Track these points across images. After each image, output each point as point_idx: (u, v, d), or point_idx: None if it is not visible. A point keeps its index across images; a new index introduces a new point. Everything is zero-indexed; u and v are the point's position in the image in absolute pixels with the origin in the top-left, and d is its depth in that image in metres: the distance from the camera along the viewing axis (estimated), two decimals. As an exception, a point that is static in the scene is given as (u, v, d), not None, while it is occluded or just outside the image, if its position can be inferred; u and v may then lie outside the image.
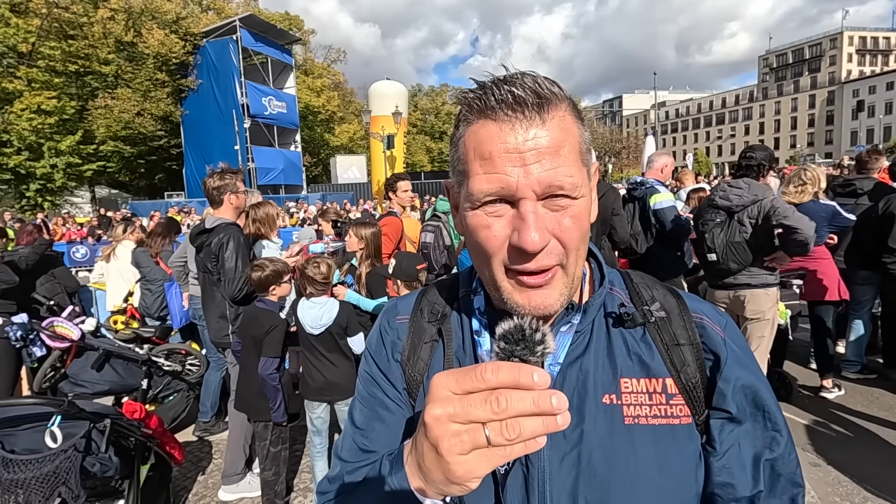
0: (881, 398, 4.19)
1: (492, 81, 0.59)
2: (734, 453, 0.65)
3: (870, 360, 4.76)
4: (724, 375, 0.66)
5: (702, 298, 0.76)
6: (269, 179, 26.44)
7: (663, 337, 0.67)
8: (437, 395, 0.46)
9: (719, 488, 0.65)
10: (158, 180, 32.22)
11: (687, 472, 0.64)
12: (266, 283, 2.90)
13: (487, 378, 0.44)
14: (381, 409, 0.72)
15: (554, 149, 0.57)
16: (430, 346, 0.73)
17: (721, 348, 0.67)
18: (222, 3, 36.37)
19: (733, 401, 0.65)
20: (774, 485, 0.65)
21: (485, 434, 0.43)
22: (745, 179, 3.32)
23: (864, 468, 3.24)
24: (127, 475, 2.43)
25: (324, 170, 39.77)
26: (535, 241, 0.56)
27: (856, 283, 4.36)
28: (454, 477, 0.45)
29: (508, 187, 0.57)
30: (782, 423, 0.67)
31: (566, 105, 0.60)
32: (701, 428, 0.66)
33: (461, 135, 0.63)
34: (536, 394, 0.43)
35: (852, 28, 74.05)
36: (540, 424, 0.43)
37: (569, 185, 0.57)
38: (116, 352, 3.80)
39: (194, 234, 3.27)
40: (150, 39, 26.63)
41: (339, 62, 48.82)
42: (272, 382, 2.74)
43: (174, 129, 29.36)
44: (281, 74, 29.62)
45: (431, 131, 56.84)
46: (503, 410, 0.43)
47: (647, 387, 0.65)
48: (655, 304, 0.69)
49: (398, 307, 0.80)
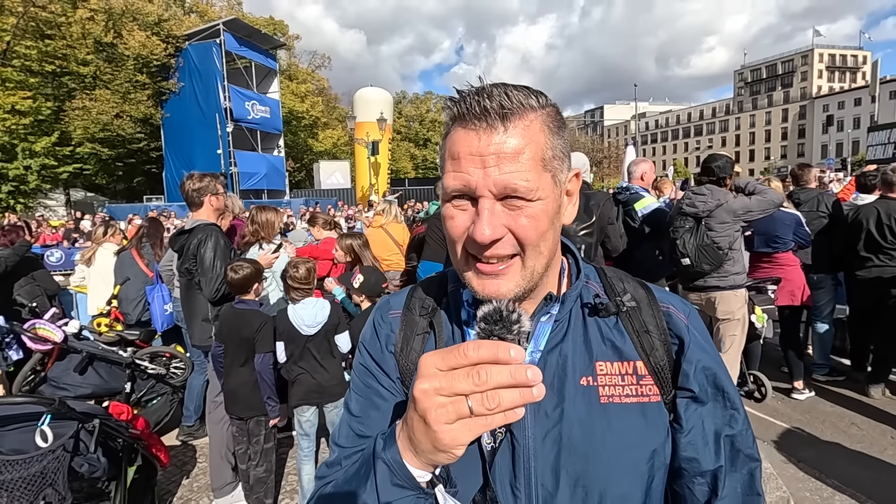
0: (848, 399, 4.38)
1: (467, 92, 0.66)
2: (698, 430, 0.71)
3: (838, 363, 4.97)
4: (687, 358, 0.73)
5: (669, 291, 0.84)
6: (252, 184, 26.15)
7: (634, 324, 0.74)
8: (424, 372, 0.52)
9: (685, 462, 0.71)
10: (137, 183, 31.57)
11: (656, 445, 0.70)
12: (248, 283, 2.92)
13: (469, 355, 0.49)
14: (377, 397, 0.77)
15: (513, 154, 0.63)
16: (422, 337, 0.78)
17: (685, 334, 0.74)
18: (205, 6, 36.03)
19: (695, 381, 0.72)
20: (734, 459, 0.72)
21: (468, 405, 0.49)
22: (708, 186, 3.50)
23: (832, 465, 3.39)
24: (114, 476, 2.42)
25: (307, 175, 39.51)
26: (486, 235, 0.62)
27: (815, 288, 4.57)
28: (441, 445, 0.51)
29: (469, 185, 0.64)
30: (739, 403, 0.75)
31: (535, 115, 0.66)
32: (669, 406, 0.72)
33: (444, 137, 0.71)
34: (513, 367, 0.48)
35: (822, 46, 76.90)
36: (517, 395, 0.48)
37: (524, 188, 0.63)
38: (100, 354, 3.75)
39: (174, 237, 3.26)
40: (131, 41, 26.20)
41: (324, 68, 48.77)
42: (269, 377, 2.78)
43: (154, 131, 28.85)
44: (265, 79, 29.42)
45: (416, 138, 56.95)
46: (483, 383, 0.48)
47: (619, 369, 0.72)
48: (627, 295, 0.76)
49: (391, 303, 0.85)
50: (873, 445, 3.62)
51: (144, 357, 4.07)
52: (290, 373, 3.05)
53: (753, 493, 0.72)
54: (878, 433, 3.79)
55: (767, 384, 4.36)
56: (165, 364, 4.25)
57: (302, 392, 3.02)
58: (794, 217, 4.26)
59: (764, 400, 4.34)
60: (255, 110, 27.17)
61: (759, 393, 4.39)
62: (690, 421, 0.72)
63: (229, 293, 3.02)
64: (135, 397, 3.93)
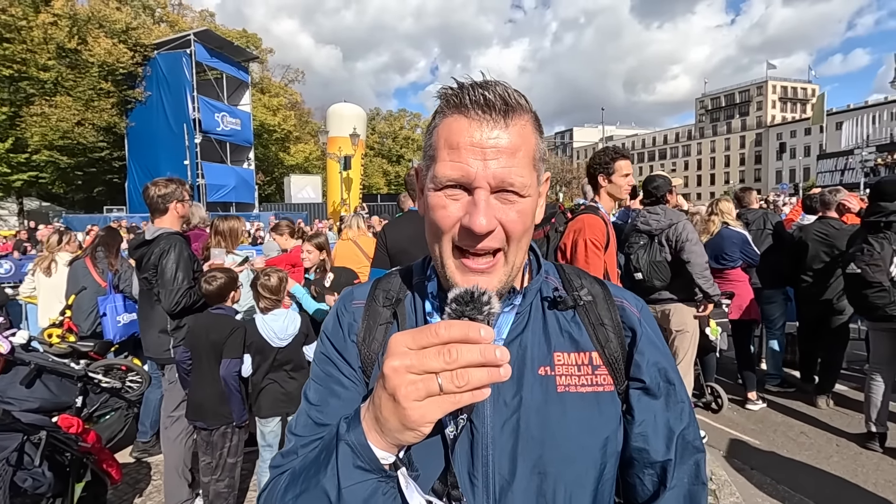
0: (798, 410, 4.58)
1: (469, 83, 0.68)
2: (650, 423, 0.74)
3: (788, 375, 5.20)
4: (639, 349, 0.76)
5: (622, 287, 0.88)
6: (220, 196, 25.61)
7: (590, 317, 0.77)
8: (394, 350, 0.52)
9: (636, 453, 0.75)
10: (97, 193, 30.40)
11: (609, 432, 0.73)
12: (223, 292, 2.89)
13: (441, 333, 0.50)
14: (336, 385, 0.77)
15: (511, 150, 0.65)
16: (385, 327, 0.78)
17: (637, 326, 0.78)
18: (176, 16, 35.54)
19: (647, 373, 0.75)
20: (682, 451, 0.75)
21: (437, 382, 0.50)
22: (661, 206, 3.68)
23: (783, 473, 3.54)
24: (60, 493, 2.30)
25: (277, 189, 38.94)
26: (483, 225, 0.64)
27: (766, 303, 4.82)
28: (409, 422, 0.51)
29: (468, 176, 0.65)
30: (686, 396, 0.80)
31: (529, 116, 0.69)
32: (622, 396, 0.75)
33: (436, 124, 0.71)
34: (483, 346, 0.50)
35: (776, 78, 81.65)
36: (485, 374, 0.50)
37: (519, 183, 0.66)
38: (49, 367, 3.57)
39: (134, 247, 3.15)
40: (96, 48, 25.50)
41: (297, 82, 48.62)
42: (234, 384, 2.73)
43: (118, 140, 27.97)
44: (236, 91, 29.07)
45: (389, 154, 57.11)
46: (454, 361, 0.49)
47: (576, 359, 0.74)
48: (584, 290, 0.79)
49: (354, 293, 0.85)
50: (820, 453, 3.80)
51: (98, 370, 3.90)
52: (256, 384, 3.00)
53: (699, 483, 0.75)
54: (824, 441, 3.98)
55: (724, 395, 4.52)
56: (121, 377, 4.09)
57: (269, 402, 2.98)
58: (741, 236, 4.50)
59: (721, 410, 4.49)
60: (226, 122, 26.76)
61: (715, 404, 4.54)
62: (642, 413, 0.74)
63: (191, 305, 2.96)
64: (86, 412, 3.75)
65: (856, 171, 28.17)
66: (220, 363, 2.81)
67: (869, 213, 3.58)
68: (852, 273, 3.51)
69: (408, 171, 3.34)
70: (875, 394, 3.72)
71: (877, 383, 3.72)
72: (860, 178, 26.00)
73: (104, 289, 4.43)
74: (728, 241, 4.45)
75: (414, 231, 2.86)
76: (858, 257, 3.45)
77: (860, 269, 3.42)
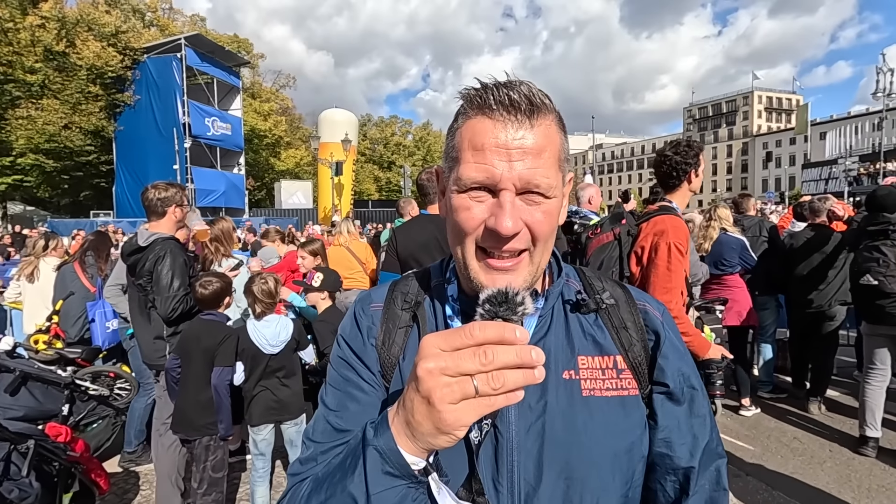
0: (790, 415, 4.61)
1: (493, 83, 0.66)
2: (673, 428, 0.74)
3: (780, 381, 5.24)
4: (662, 353, 0.76)
5: (643, 291, 0.88)
6: (210, 201, 25.37)
7: (613, 321, 0.77)
8: (428, 352, 0.51)
9: (658, 458, 0.74)
10: (84, 198, 29.97)
11: (635, 436, 0.72)
12: (218, 298, 2.84)
13: (476, 335, 0.49)
14: (356, 390, 0.75)
15: (537, 151, 0.64)
16: (405, 331, 0.77)
17: (661, 329, 0.78)
18: (167, 20, 35.37)
19: (671, 378, 0.75)
20: (704, 458, 0.74)
21: (473, 384, 0.48)
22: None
23: (778, 478, 3.55)
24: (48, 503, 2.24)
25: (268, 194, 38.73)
26: (509, 227, 0.63)
27: (760, 309, 4.87)
28: (445, 425, 0.50)
29: (493, 177, 0.64)
30: (708, 402, 0.79)
31: (553, 116, 0.68)
32: (645, 400, 0.75)
33: (458, 126, 0.70)
34: (518, 347, 0.49)
35: (761, 88, 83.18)
36: (521, 376, 0.49)
37: (545, 184, 0.65)
38: (35, 374, 3.48)
39: (127, 252, 3.09)
40: (85, 51, 25.26)
41: (289, 87, 48.51)
42: (225, 393, 2.67)
43: (106, 144, 27.65)
44: (227, 96, 28.93)
45: (380, 161, 57.09)
46: (490, 362, 0.48)
47: (600, 363, 0.73)
48: (606, 293, 0.78)
49: (372, 296, 0.84)
50: (814, 458, 3.82)
51: (86, 377, 3.81)
52: (248, 391, 2.95)
53: (720, 489, 0.75)
54: (817, 446, 4.00)
55: (718, 401, 4.51)
56: (109, 385, 4.00)
57: (261, 410, 2.93)
58: (739, 241, 4.54)
59: (715, 416, 4.49)
60: (216, 127, 26.61)
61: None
62: (666, 418, 0.74)
63: (187, 311, 2.91)
64: (73, 420, 3.66)
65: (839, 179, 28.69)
66: (211, 371, 2.76)
67: (868, 222, 3.61)
68: (866, 284, 3.51)
69: (419, 174, 3.29)
70: (869, 398, 3.76)
71: (872, 388, 3.76)
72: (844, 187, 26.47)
73: (93, 294, 4.34)
74: (727, 247, 4.49)
75: (425, 237, 2.84)
76: (874, 269, 3.45)
77: (878, 281, 3.42)
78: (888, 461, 3.67)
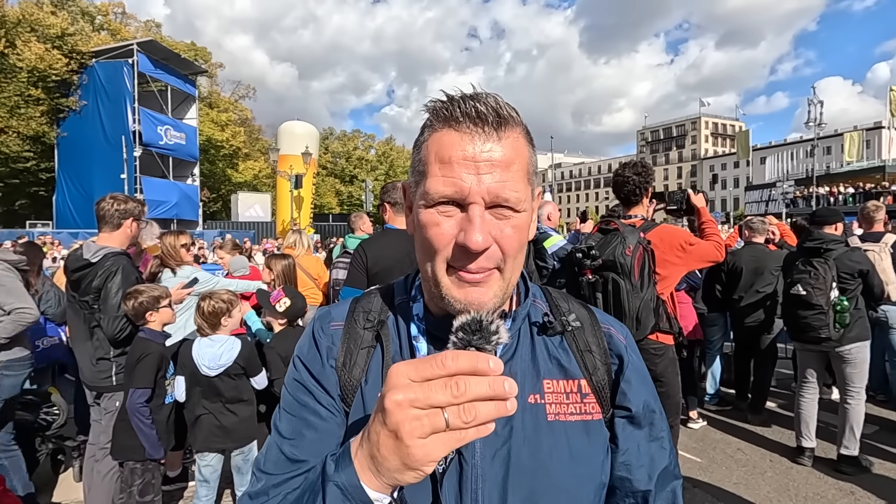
0: (734, 427, 4.79)
1: (460, 96, 0.65)
2: (633, 452, 0.74)
3: (725, 393, 5.46)
4: (626, 377, 0.76)
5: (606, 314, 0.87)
6: (161, 213, 24.27)
7: (578, 344, 0.76)
8: (396, 382, 0.48)
9: (618, 482, 0.74)
10: (20, 207, 28.11)
11: (598, 461, 0.72)
12: (141, 311, 2.68)
13: (448, 365, 0.46)
14: (313, 416, 0.71)
15: (505, 163, 0.63)
16: (367, 351, 0.74)
17: (624, 353, 0.78)
18: (118, 25, 34.08)
19: (634, 402, 0.75)
20: (662, 480, 0.75)
21: (444, 417, 0.46)
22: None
23: (723, 490, 3.65)
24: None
25: (224, 206, 37.55)
26: (479, 242, 0.61)
27: (708, 326, 5.07)
28: (413, 461, 0.47)
29: (461, 191, 0.62)
30: (666, 424, 0.80)
31: (521, 129, 0.67)
32: (608, 425, 0.74)
33: (424, 139, 0.68)
34: (492, 379, 0.46)
35: (708, 115, 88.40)
36: (493, 408, 0.46)
37: (514, 198, 0.63)
38: (-53, 399, 3.17)
39: (73, 268, 2.87)
40: (26, 52, 23.94)
41: (248, 98, 47.57)
42: (141, 416, 2.50)
43: (46, 151, 26.11)
44: (182, 104, 28.01)
45: (342, 174, 56.57)
46: (462, 394, 0.45)
47: (565, 387, 0.72)
48: (572, 315, 0.77)
49: (332, 314, 0.80)
50: (755, 468, 3.97)
51: (7, 401, 3.49)
52: (190, 413, 2.79)
53: None
54: (758, 457, 4.16)
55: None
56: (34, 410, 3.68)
57: (203, 436, 2.76)
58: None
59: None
60: (169, 136, 25.64)
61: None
62: (626, 442, 0.74)
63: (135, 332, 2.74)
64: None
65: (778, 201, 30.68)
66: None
67: (806, 238, 3.83)
68: (795, 294, 3.70)
69: (384, 183, 3.20)
70: (804, 410, 3.95)
71: (805, 400, 3.96)
72: (782, 209, 28.32)
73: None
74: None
75: (403, 249, 2.73)
76: (805, 280, 3.64)
77: (806, 292, 3.62)
78: (823, 470, 3.86)
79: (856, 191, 27.50)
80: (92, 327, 2.86)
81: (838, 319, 3.55)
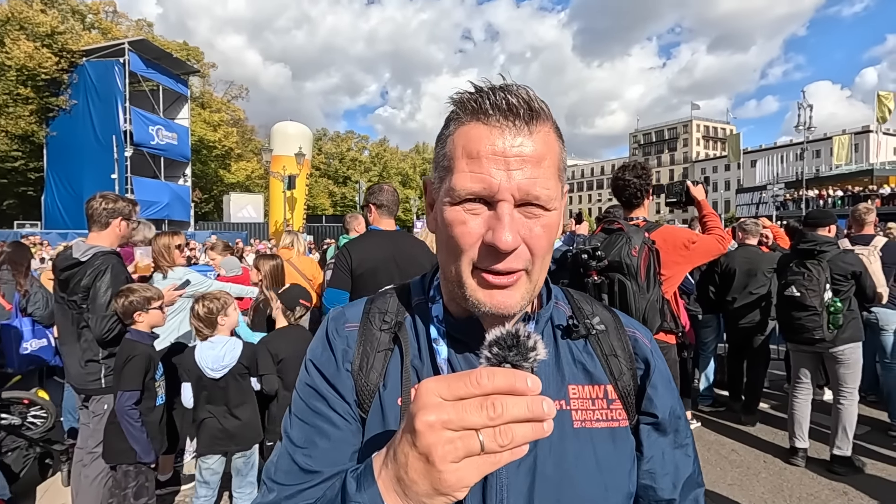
0: (728, 428, 4.81)
1: (489, 87, 0.62)
2: (658, 460, 0.72)
3: (718, 395, 5.48)
4: (652, 383, 0.73)
5: (631, 317, 0.85)
6: (152, 213, 24.01)
7: (603, 348, 0.73)
8: (427, 401, 0.44)
9: (641, 490, 0.72)
10: (8, 206, 27.74)
11: (625, 470, 0.69)
12: (130, 310, 2.65)
13: (483, 384, 0.43)
14: (327, 424, 0.67)
15: (536, 159, 0.60)
16: (385, 354, 0.71)
17: (650, 358, 0.75)
18: (110, 23, 33.75)
19: (660, 409, 0.72)
20: (686, 489, 0.73)
21: (479, 440, 0.43)
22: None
23: (716, 491, 3.66)
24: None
25: (216, 207, 37.27)
26: (508, 242, 0.58)
27: (703, 327, 5.09)
28: (445, 486, 0.44)
29: (490, 188, 0.59)
30: (691, 432, 0.78)
31: (552, 123, 0.64)
32: (633, 432, 0.72)
33: (450, 133, 0.64)
34: (530, 399, 0.43)
35: (699, 118, 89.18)
36: (529, 430, 0.43)
37: (544, 196, 0.60)
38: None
39: (62, 267, 2.83)
40: (15, 50, 23.64)
41: (241, 98, 47.26)
42: (130, 419, 2.46)
43: (35, 150, 25.79)
44: (174, 104, 27.78)
45: (335, 175, 56.40)
46: (499, 416, 0.42)
47: (590, 393, 0.70)
48: (596, 318, 0.74)
49: (346, 314, 0.76)
50: (749, 469, 3.98)
51: (-6, 405, 3.43)
52: (196, 416, 2.77)
53: None
54: (752, 458, 4.18)
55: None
56: (21, 413, 3.63)
57: (207, 439, 2.75)
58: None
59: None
60: (161, 136, 25.42)
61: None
62: (651, 449, 0.72)
63: (123, 332, 2.70)
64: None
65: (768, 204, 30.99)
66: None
67: (800, 240, 3.85)
68: (790, 295, 3.71)
69: (371, 185, 3.19)
70: (797, 411, 3.98)
71: (798, 401, 3.98)
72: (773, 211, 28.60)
73: (8, 312, 3.96)
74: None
75: (388, 251, 2.72)
76: (799, 282, 3.67)
77: (800, 293, 3.63)
78: (816, 470, 3.88)
79: (844, 194, 27.87)
80: (80, 328, 2.82)
81: (832, 320, 3.58)
